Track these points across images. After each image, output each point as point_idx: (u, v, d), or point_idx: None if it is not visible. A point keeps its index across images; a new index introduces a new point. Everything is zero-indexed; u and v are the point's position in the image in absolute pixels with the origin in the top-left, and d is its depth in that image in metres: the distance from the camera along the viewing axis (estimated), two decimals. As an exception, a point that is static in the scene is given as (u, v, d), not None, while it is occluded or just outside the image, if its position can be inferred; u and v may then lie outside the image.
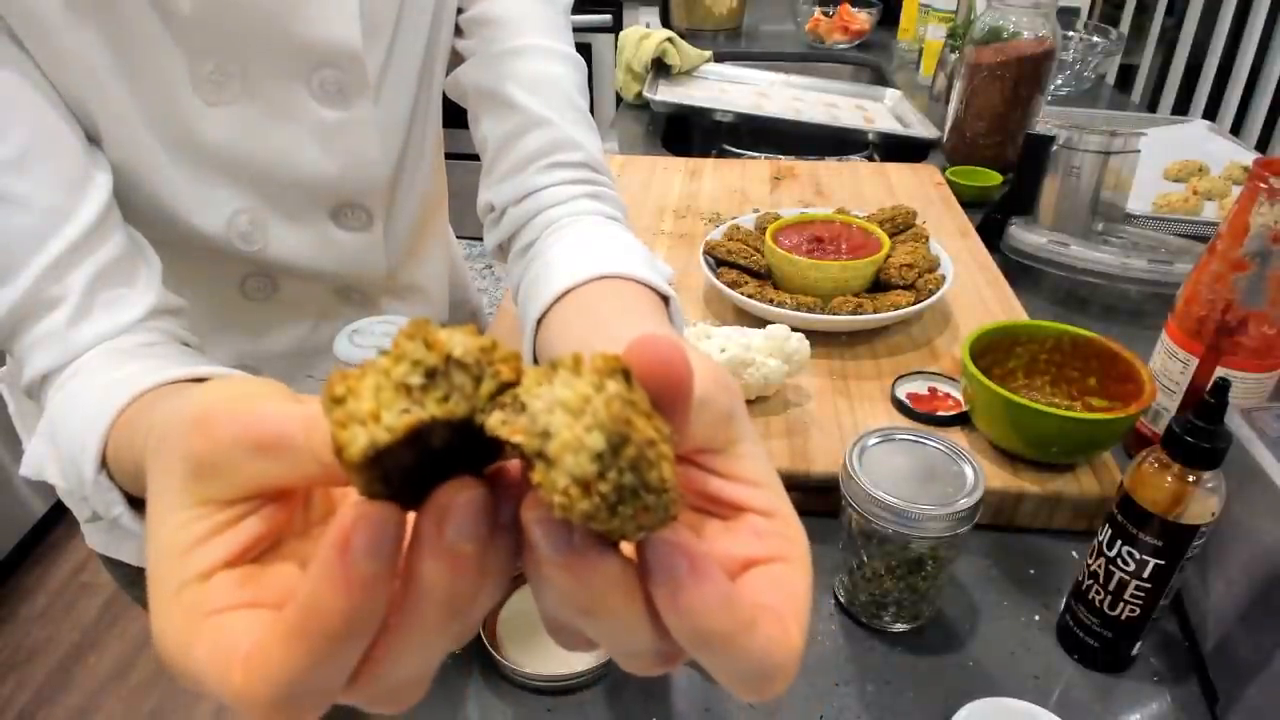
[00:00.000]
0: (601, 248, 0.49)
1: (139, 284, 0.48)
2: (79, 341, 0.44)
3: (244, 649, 0.20)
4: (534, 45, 0.57)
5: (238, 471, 0.22)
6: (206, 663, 0.21)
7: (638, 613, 0.20)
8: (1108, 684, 0.53)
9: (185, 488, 0.23)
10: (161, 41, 0.49)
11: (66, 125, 0.47)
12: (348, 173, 0.59)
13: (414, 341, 0.18)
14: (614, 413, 0.17)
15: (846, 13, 1.95)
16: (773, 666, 0.21)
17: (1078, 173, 0.97)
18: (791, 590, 0.23)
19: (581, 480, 0.17)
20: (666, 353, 0.20)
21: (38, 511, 1.97)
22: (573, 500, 0.17)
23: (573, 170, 0.57)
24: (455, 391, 0.18)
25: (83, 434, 0.37)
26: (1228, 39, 2.27)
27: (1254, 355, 0.61)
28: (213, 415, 0.22)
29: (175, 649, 0.21)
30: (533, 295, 0.48)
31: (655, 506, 0.18)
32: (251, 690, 0.20)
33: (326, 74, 0.54)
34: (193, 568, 0.22)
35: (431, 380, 0.18)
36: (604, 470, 0.17)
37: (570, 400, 0.18)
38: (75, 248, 0.45)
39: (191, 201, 0.55)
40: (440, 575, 0.19)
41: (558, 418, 0.17)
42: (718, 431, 0.25)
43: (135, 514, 0.38)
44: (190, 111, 0.52)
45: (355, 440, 0.17)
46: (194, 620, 0.21)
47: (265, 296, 0.65)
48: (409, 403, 0.18)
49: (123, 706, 1.67)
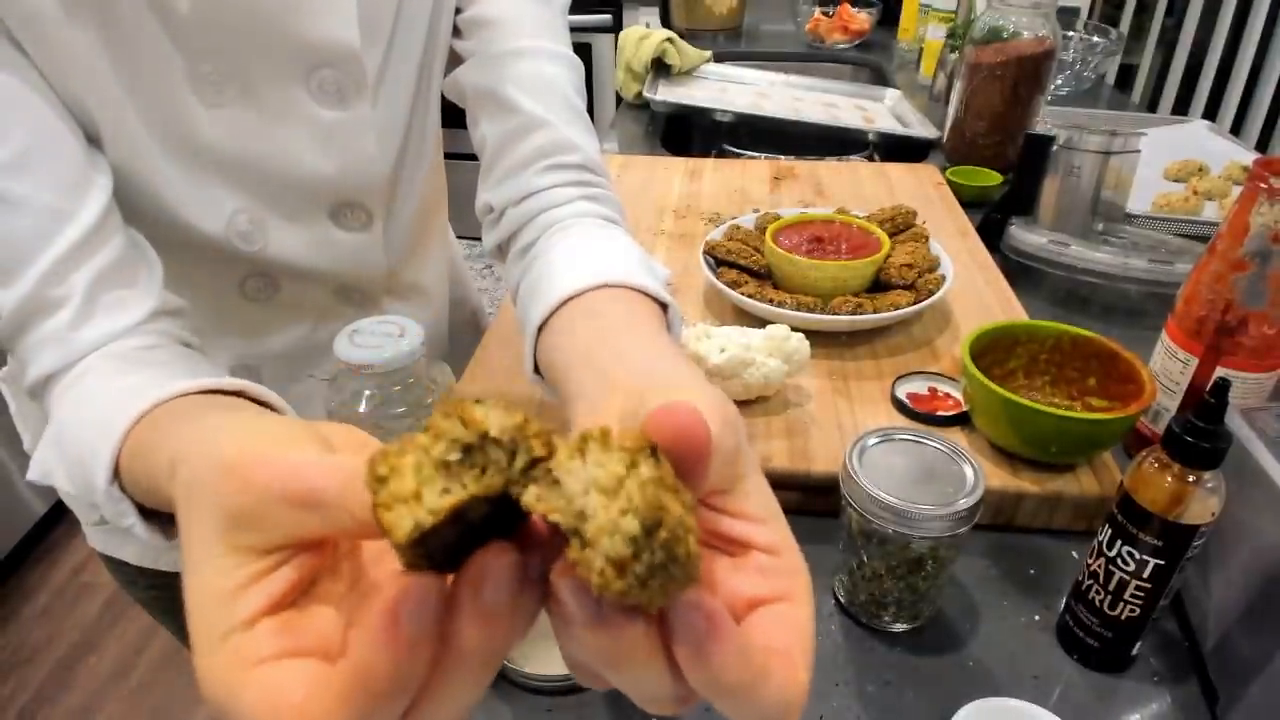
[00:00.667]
0: (601, 253, 0.50)
1: (140, 285, 0.48)
2: (82, 343, 0.45)
3: (295, 700, 0.22)
4: (532, 47, 0.58)
5: (274, 523, 0.23)
6: (257, 711, 0.22)
7: (659, 667, 0.22)
8: (1108, 684, 0.53)
9: (221, 536, 0.24)
10: (160, 42, 0.49)
11: (66, 128, 0.47)
12: (346, 172, 0.59)
13: (451, 420, 0.19)
14: (649, 498, 0.18)
15: (846, 13, 1.95)
16: (785, 705, 0.23)
17: (1078, 173, 0.97)
18: (797, 628, 0.24)
19: (618, 562, 0.18)
20: (688, 424, 0.22)
21: (38, 511, 1.97)
22: (609, 580, 0.18)
23: (571, 172, 0.57)
24: (491, 466, 0.19)
25: (94, 444, 0.37)
26: (1228, 39, 2.27)
27: (1254, 355, 0.61)
28: (247, 466, 0.24)
29: (224, 694, 0.23)
30: (534, 300, 0.48)
31: (680, 577, 0.19)
32: None
33: (325, 74, 0.54)
34: (237, 615, 0.23)
35: (467, 455, 0.19)
36: (638, 552, 0.18)
37: (604, 481, 0.19)
38: (76, 249, 0.45)
39: (191, 202, 0.55)
40: (477, 635, 0.21)
41: (593, 499, 0.19)
42: (725, 470, 0.26)
43: (147, 524, 0.38)
44: (189, 112, 0.52)
45: (401, 523, 0.18)
46: (241, 668, 0.23)
47: (265, 297, 0.65)
48: (449, 481, 0.19)
49: (123, 706, 1.67)
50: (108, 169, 0.49)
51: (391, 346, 0.51)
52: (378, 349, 0.51)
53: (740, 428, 0.27)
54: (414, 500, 0.19)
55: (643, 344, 0.39)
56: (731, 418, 0.27)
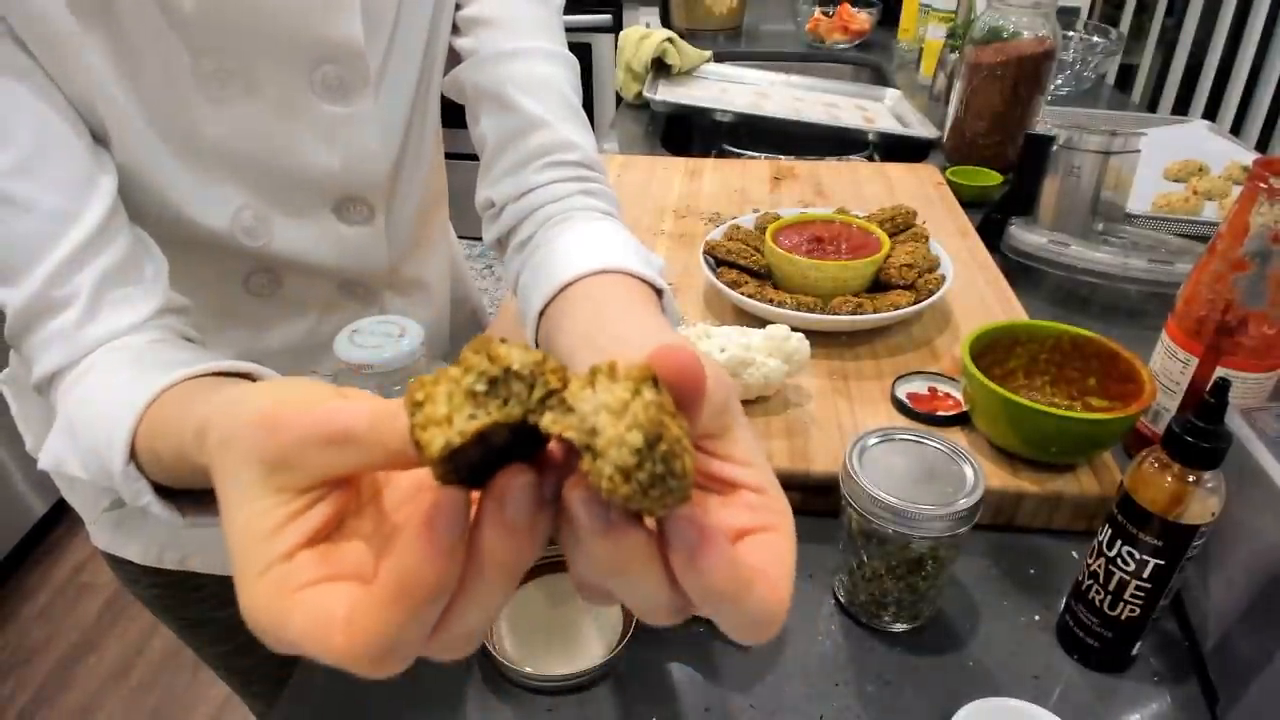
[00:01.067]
0: (599, 243, 0.52)
1: (145, 284, 0.49)
2: (88, 340, 0.46)
3: (340, 615, 0.24)
4: (530, 48, 0.59)
5: (310, 463, 0.26)
6: (306, 630, 0.24)
7: (658, 573, 0.25)
8: (1108, 684, 0.53)
9: (261, 480, 0.26)
10: (165, 39, 0.49)
11: (71, 129, 0.47)
12: (350, 167, 0.59)
13: (479, 355, 0.22)
14: (650, 416, 0.21)
15: (846, 13, 1.95)
16: (767, 616, 0.25)
17: (1078, 173, 0.97)
18: (779, 555, 0.27)
19: (624, 469, 0.21)
20: (686, 360, 0.24)
21: (38, 512, 1.97)
22: (616, 485, 0.21)
23: (569, 169, 0.59)
24: (513, 397, 0.22)
25: (108, 428, 0.39)
26: (1228, 39, 2.27)
27: (1254, 355, 0.61)
28: (281, 415, 0.26)
29: (270, 621, 0.25)
30: (534, 287, 0.51)
31: (676, 489, 0.22)
32: (355, 649, 0.23)
33: (328, 70, 0.55)
34: (277, 549, 0.25)
35: (493, 388, 0.22)
36: (641, 462, 0.21)
37: (612, 403, 0.22)
38: (82, 250, 0.46)
39: (196, 199, 0.55)
40: (500, 543, 0.23)
41: (603, 418, 0.21)
42: (716, 419, 0.29)
43: (163, 501, 0.40)
44: (194, 109, 0.52)
45: (434, 442, 0.21)
46: (285, 594, 0.25)
47: (269, 292, 0.65)
48: (475, 408, 0.22)
49: (123, 706, 1.67)
50: (113, 169, 0.50)
51: (391, 346, 0.51)
52: (377, 349, 0.51)
53: (730, 386, 0.30)
54: (445, 423, 0.21)
55: (639, 326, 0.41)
56: (723, 376, 0.30)
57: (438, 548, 0.22)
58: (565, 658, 0.53)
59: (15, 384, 0.71)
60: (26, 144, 0.45)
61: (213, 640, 0.85)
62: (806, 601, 0.58)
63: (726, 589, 0.24)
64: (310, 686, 0.53)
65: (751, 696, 0.52)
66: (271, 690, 0.89)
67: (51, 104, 0.46)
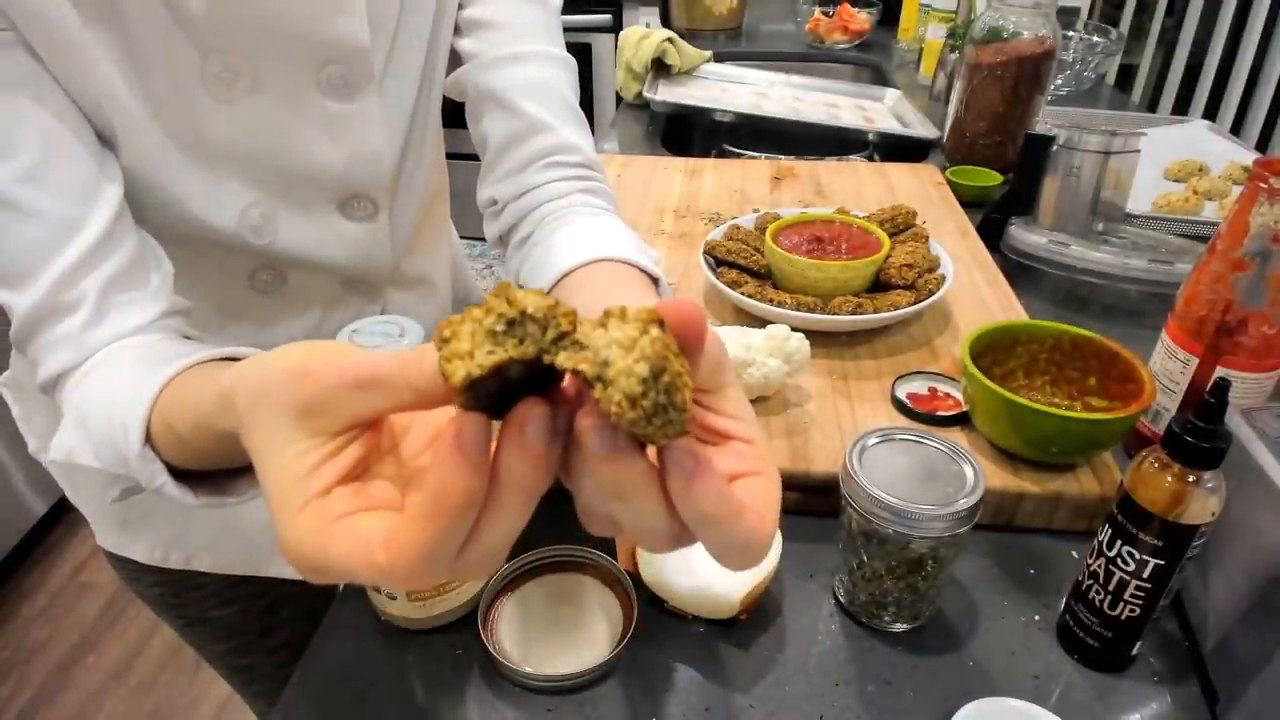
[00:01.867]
0: (598, 235, 0.55)
1: (150, 287, 0.50)
2: (95, 342, 0.47)
3: (380, 536, 0.26)
4: (532, 51, 0.62)
5: (342, 407, 0.28)
6: (348, 553, 0.27)
7: (657, 498, 0.27)
8: (1108, 684, 0.53)
9: (295, 424, 0.28)
10: (173, 41, 0.49)
11: (77, 136, 0.48)
12: (354, 164, 0.60)
13: (499, 299, 0.25)
14: (656, 350, 0.24)
15: (846, 13, 1.95)
16: (754, 543, 0.28)
17: (1078, 173, 0.97)
18: (766, 495, 0.29)
19: (631, 397, 0.24)
20: (689, 309, 0.27)
21: (38, 511, 1.97)
22: (624, 410, 0.24)
23: (571, 169, 0.61)
24: (528, 337, 0.25)
25: (122, 414, 0.40)
26: (1228, 39, 2.27)
27: (1254, 355, 0.61)
28: (312, 365, 0.28)
29: (313, 551, 0.27)
30: (536, 275, 0.54)
31: (676, 421, 0.25)
32: (395, 564, 0.26)
33: (333, 69, 0.55)
34: (314, 487, 0.28)
35: (511, 328, 0.24)
36: (646, 391, 0.24)
37: (622, 339, 0.24)
38: (88, 256, 0.47)
39: (204, 198, 0.56)
40: (520, 465, 0.25)
41: (614, 352, 0.24)
42: (712, 376, 0.31)
43: (177, 483, 0.41)
44: (201, 108, 0.53)
45: (458, 372, 0.24)
46: (325, 525, 0.27)
47: (274, 289, 0.65)
48: (494, 345, 0.24)
49: (123, 706, 1.67)
50: (119, 173, 0.50)
51: (391, 346, 0.51)
52: (377, 349, 0.51)
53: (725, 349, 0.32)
54: (468, 356, 0.24)
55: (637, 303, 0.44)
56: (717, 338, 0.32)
57: (468, 462, 0.25)
58: (565, 658, 0.53)
59: (17, 386, 0.71)
60: (33, 152, 0.45)
61: (214, 639, 0.86)
62: (806, 601, 0.58)
63: (718, 512, 0.27)
64: (311, 686, 0.53)
65: (751, 696, 0.52)
66: (272, 689, 0.89)
67: (57, 111, 0.47)
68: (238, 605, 0.82)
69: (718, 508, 0.27)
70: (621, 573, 0.57)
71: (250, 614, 0.83)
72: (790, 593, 0.59)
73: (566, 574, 0.59)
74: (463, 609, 0.56)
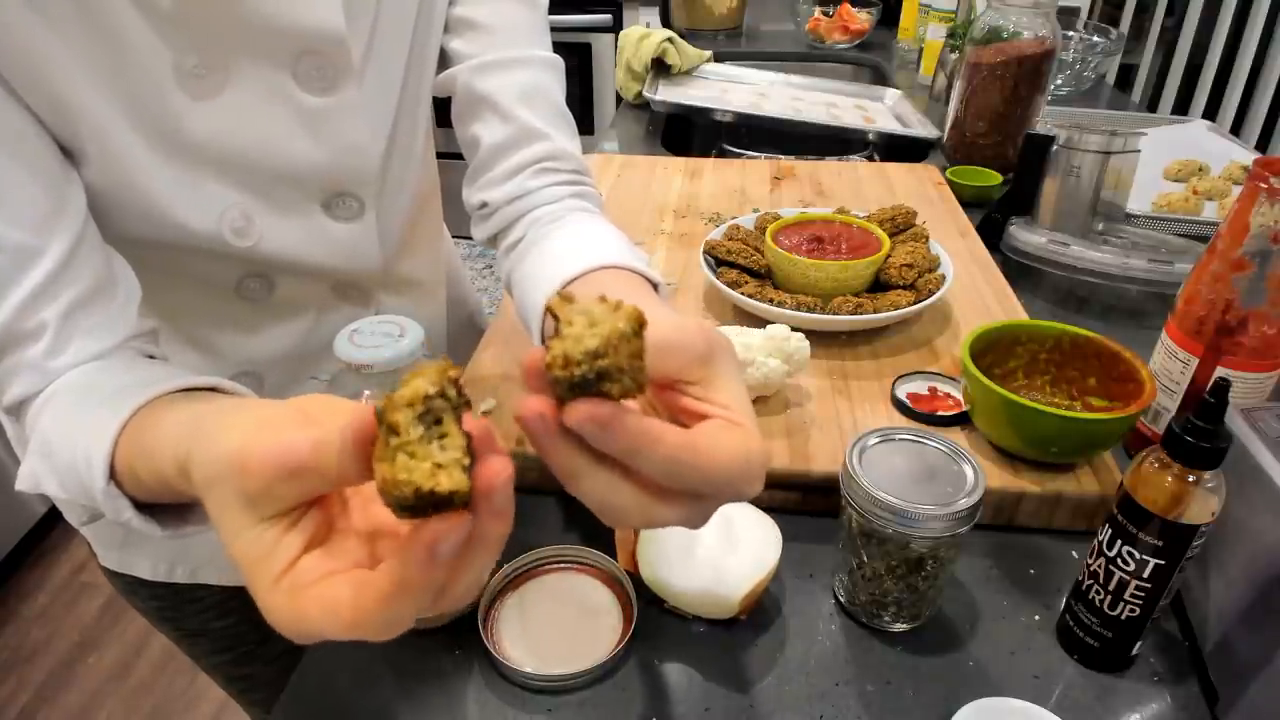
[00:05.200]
0: (595, 241, 0.56)
1: (114, 311, 0.49)
2: (56, 369, 0.46)
3: (346, 601, 0.28)
4: (525, 57, 0.62)
5: (283, 493, 0.30)
6: (320, 620, 0.28)
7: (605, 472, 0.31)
8: (1108, 684, 0.53)
9: (246, 512, 0.30)
10: (144, 37, 0.48)
11: (36, 161, 0.47)
12: (337, 160, 0.59)
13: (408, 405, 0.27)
14: (610, 338, 0.28)
15: (846, 12, 1.95)
16: (692, 464, 0.31)
17: (1078, 173, 0.97)
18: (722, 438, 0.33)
19: (569, 357, 0.27)
20: None
21: (38, 511, 1.97)
22: (554, 363, 0.28)
23: (563, 174, 0.63)
24: (444, 414, 0.27)
25: (85, 449, 0.41)
26: (1228, 39, 2.27)
27: (1254, 355, 0.61)
28: (248, 456, 0.29)
29: (291, 622, 0.29)
30: (538, 283, 0.55)
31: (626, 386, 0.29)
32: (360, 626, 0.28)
33: (311, 61, 0.54)
34: (280, 562, 0.30)
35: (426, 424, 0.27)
36: (582, 361, 0.27)
37: (596, 315, 0.28)
38: (47, 285, 0.46)
39: (182, 200, 0.54)
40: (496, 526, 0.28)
41: (579, 320, 0.28)
42: (698, 369, 0.34)
43: (141, 515, 0.42)
44: (176, 108, 0.51)
45: (405, 492, 0.26)
46: (298, 596, 0.29)
47: (262, 297, 0.64)
48: (422, 452, 0.27)
49: (123, 706, 1.67)
50: (81, 197, 0.49)
51: (391, 346, 0.51)
52: (377, 349, 0.51)
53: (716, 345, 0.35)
54: (406, 473, 0.26)
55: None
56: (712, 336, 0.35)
57: (438, 566, 0.27)
58: (565, 658, 0.53)
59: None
60: None
61: (212, 650, 0.85)
62: (806, 601, 0.58)
63: (636, 442, 0.29)
64: (311, 686, 0.53)
65: (751, 696, 0.52)
66: (271, 698, 0.89)
67: (15, 136, 0.46)
68: (236, 616, 0.81)
69: (636, 440, 0.29)
70: (621, 573, 0.57)
71: (249, 624, 0.82)
72: (790, 593, 0.59)
73: (566, 574, 0.59)
74: (463, 609, 0.56)
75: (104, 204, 0.51)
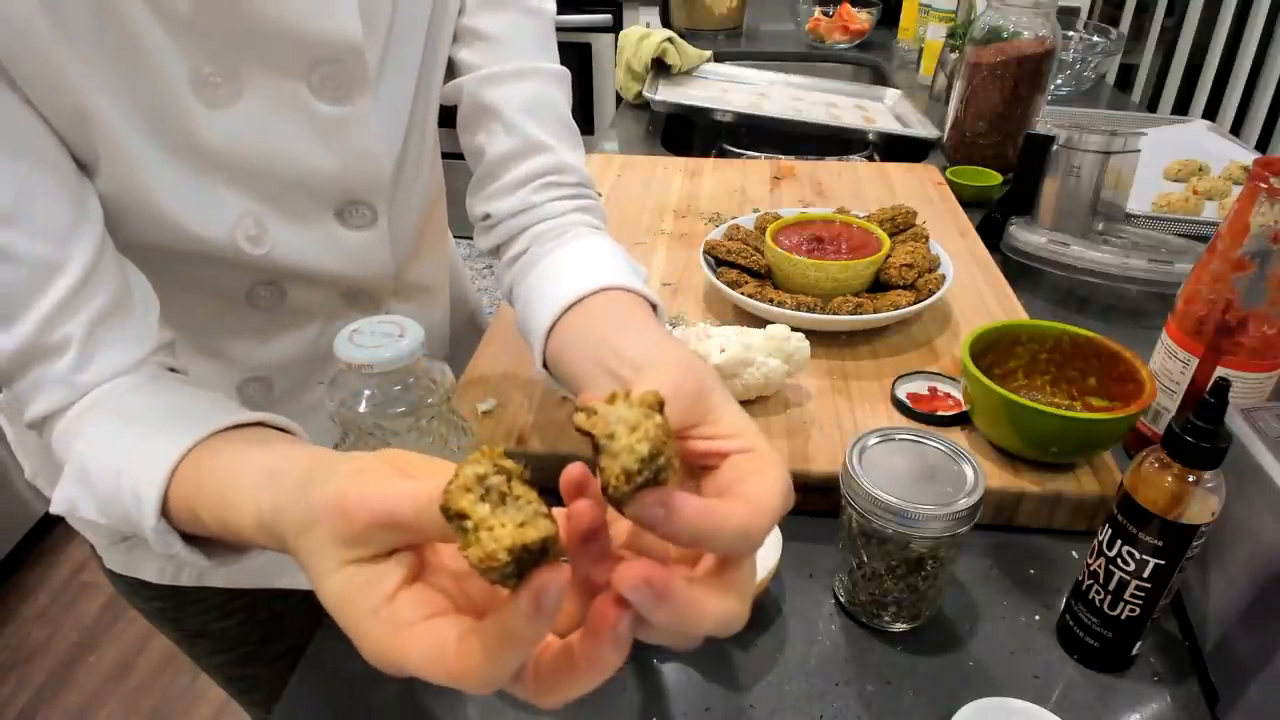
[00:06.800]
0: (596, 260, 0.56)
1: (136, 323, 0.49)
2: (84, 384, 0.46)
3: (451, 645, 0.29)
4: (532, 69, 0.62)
5: (381, 540, 0.31)
6: (422, 662, 0.30)
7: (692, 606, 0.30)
8: (1108, 684, 0.53)
9: (344, 553, 0.31)
10: (160, 46, 0.48)
11: (55, 172, 0.47)
12: (351, 168, 0.59)
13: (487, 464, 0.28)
14: (657, 436, 0.28)
15: (846, 12, 1.95)
16: (752, 529, 0.31)
17: (1078, 173, 0.97)
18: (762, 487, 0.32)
19: (628, 472, 0.28)
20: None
21: (38, 511, 1.97)
22: (620, 484, 0.28)
23: (567, 189, 0.62)
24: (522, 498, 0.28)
25: (134, 484, 0.42)
26: (1228, 39, 2.27)
27: (1254, 355, 0.61)
28: (348, 504, 0.31)
29: (391, 656, 0.30)
30: (540, 303, 0.55)
31: (670, 467, 0.29)
32: (465, 675, 0.29)
33: (327, 69, 0.54)
34: (378, 594, 0.31)
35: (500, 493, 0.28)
36: (642, 469, 0.28)
37: (629, 419, 0.28)
38: (70, 297, 0.45)
39: (196, 209, 0.54)
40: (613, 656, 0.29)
41: (620, 429, 0.28)
42: (691, 410, 0.34)
43: (191, 548, 0.43)
44: (191, 116, 0.51)
45: (488, 557, 0.27)
46: (399, 633, 0.30)
47: (273, 305, 0.64)
48: (503, 514, 0.27)
49: (123, 706, 1.67)
50: (98, 208, 0.49)
51: (391, 346, 0.51)
52: (377, 349, 0.51)
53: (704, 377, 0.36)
54: (488, 530, 0.27)
55: (637, 339, 0.47)
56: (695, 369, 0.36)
57: (544, 619, 0.27)
58: (565, 658, 0.53)
59: (11, 410, 0.70)
60: (8, 194, 0.44)
61: (213, 651, 0.85)
62: (806, 601, 0.58)
63: (706, 527, 0.29)
64: (311, 686, 0.53)
65: (751, 696, 0.52)
66: (271, 699, 0.89)
67: (35, 147, 0.45)
68: (238, 617, 0.81)
69: (703, 524, 0.29)
70: (621, 573, 0.57)
71: (251, 625, 0.82)
72: (790, 593, 0.59)
73: (566, 574, 0.58)
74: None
75: (116, 213, 0.51)
